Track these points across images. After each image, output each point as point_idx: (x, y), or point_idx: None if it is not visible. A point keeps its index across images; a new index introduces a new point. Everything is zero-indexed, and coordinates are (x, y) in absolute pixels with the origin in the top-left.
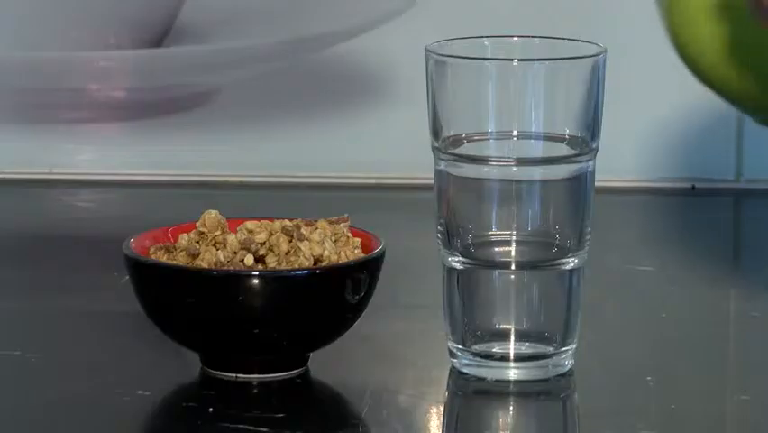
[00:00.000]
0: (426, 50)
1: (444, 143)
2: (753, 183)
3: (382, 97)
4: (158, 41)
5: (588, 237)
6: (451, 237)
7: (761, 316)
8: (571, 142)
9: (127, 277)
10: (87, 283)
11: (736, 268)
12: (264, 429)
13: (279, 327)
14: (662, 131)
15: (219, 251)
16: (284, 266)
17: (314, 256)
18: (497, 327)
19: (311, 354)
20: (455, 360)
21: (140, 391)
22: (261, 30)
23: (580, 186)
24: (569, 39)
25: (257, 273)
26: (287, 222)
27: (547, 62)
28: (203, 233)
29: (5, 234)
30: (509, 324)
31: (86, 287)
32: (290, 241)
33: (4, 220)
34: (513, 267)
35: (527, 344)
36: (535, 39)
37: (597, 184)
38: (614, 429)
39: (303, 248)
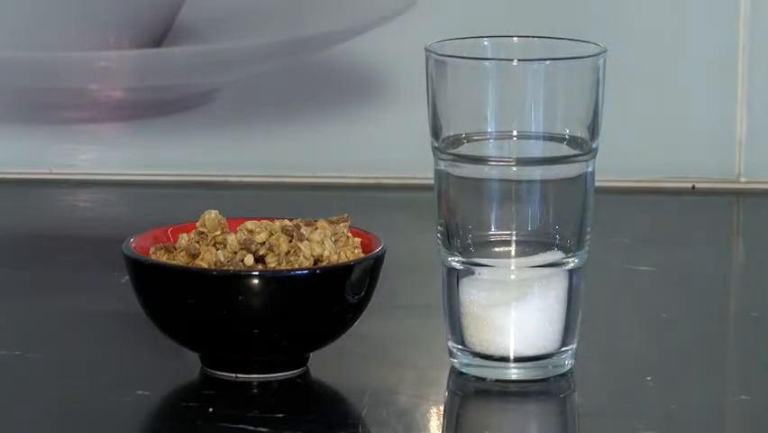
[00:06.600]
0: (426, 50)
1: (444, 143)
2: (753, 183)
3: (382, 97)
4: (158, 41)
5: (588, 237)
6: (451, 237)
7: (761, 316)
8: (571, 142)
9: (127, 277)
10: (87, 283)
11: (736, 268)
12: (264, 429)
13: (279, 327)
14: (662, 131)
15: (219, 251)
16: (284, 266)
17: (314, 256)
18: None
19: (311, 354)
20: (455, 360)
21: (140, 391)
22: (261, 30)
23: (580, 186)
24: (569, 39)
25: (257, 273)
26: (287, 222)
27: (547, 62)
28: (203, 233)
29: (5, 234)
30: (509, 324)
31: (86, 287)
32: (290, 241)
33: (4, 220)
34: (513, 267)
35: (527, 344)
36: (535, 39)
37: (597, 184)
38: (614, 429)
39: (303, 248)
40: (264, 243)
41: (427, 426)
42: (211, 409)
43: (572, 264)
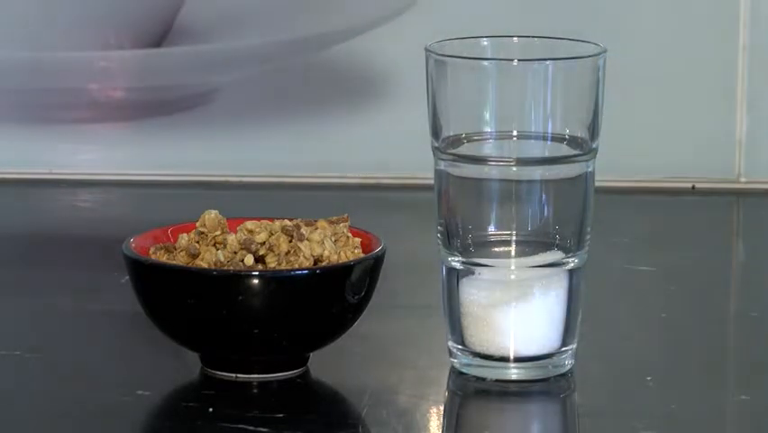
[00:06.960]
0: (426, 50)
1: (444, 143)
2: (753, 183)
3: (382, 97)
4: (158, 41)
5: (588, 237)
6: (451, 237)
7: (761, 316)
8: (571, 142)
9: (127, 277)
10: (87, 283)
11: (736, 268)
12: (264, 429)
13: (279, 327)
14: (662, 131)
15: (219, 251)
16: (284, 266)
17: (314, 256)
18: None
19: (311, 354)
20: (455, 360)
21: (140, 391)
22: (261, 30)
23: (580, 186)
24: (569, 39)
25: (257, 273)
26: (287, 222)
27: (547, 62)
28: (203, 233)
29: (5, 234)
30: (509, 324)
31: (86, 287)
32: (290, 241)
33: (4, 220)
34: (513, 267)
35: (527, 344)
36: (535, 39)
37: (597, 184)
38: (614, 429)
39: (303, 248)
40: (264, 243)
41: (427, 426)
42: (211, 409)
43: (572, 264)
